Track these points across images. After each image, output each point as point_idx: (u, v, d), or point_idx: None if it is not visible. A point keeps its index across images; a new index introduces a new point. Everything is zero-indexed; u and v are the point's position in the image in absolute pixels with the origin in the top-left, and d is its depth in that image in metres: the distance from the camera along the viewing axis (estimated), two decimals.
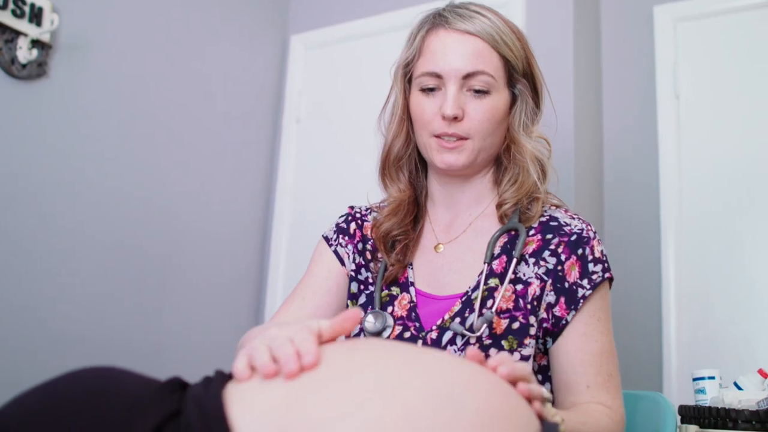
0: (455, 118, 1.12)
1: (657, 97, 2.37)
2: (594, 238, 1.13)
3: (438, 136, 1.15)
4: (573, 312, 1.08)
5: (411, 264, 1.21)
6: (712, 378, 1.69)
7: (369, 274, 1.23)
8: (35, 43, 1.93)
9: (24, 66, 1.91)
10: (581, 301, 1.08)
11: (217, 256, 2.52)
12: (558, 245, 1.12)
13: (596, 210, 2.35)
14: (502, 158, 1.21)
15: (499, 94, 1.15)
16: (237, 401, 0.65)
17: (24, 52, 1.90)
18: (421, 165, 1.28)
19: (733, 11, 2.30)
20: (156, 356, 2.25)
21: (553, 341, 1.11)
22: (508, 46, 1.15)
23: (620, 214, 2.39)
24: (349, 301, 1.24)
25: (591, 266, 1.10)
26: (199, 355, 2.39)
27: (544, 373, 1.14)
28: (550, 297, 1.10)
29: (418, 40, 1.19)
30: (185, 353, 2.35)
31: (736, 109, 2.25)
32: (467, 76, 1.12)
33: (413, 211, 1.24)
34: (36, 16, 1.93)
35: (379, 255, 1.22)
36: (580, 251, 1.11)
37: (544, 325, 1.10)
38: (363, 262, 1.24)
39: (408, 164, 1.26)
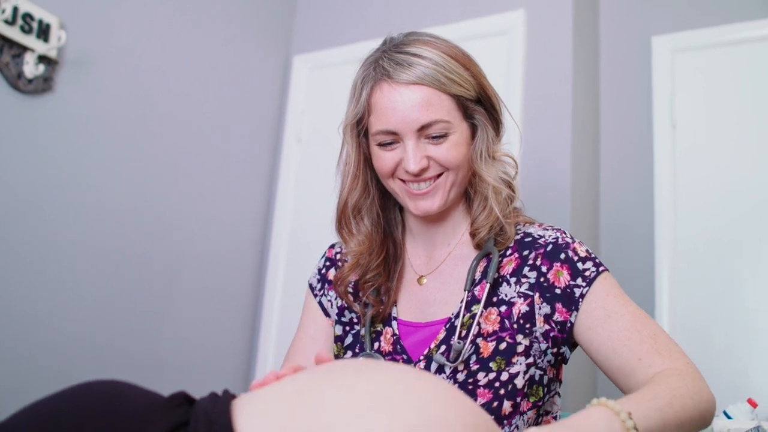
0: (422, 170, 1.11)
1: (654, 126, 2.40)
2: (573, 242, 1.13)
3: (405, 181, 1.14)
4: (575, 312, 1.06)
5: (395, 301, 1.21)
6: None
7: (353, 315, 1.24)
8: (42, 58, 1.96)
9: (30, 81, 1.94)
10: (580, 300, 1.06)
11: (217, 268, 2.55)
12: (536, 258, 1.12)
13: (592, 238, 2.37)
14: (468, 189, 1.20)
15: (457, 132, 1.12)
16: (243, 414, 0.67)
17: (31, 67, 1.93)
18: (390, 201, 1.26)
19: (731, 44, 2.33)
20: (156, 364, 2.27)
21: (571, 349, 1.10)
22: (456, 82, 1.10)
23: (615, 242, 2.40)
24: (334, 345, 1.26)
25: (580, 265, 1.09)
26: (197, 362, 2.41)
27: (550, 385, 1.13)
28: (544, 309, 1.09)
29: (363, 97, 1.14)
30: (185, 361, 2.37)
31: (732, 140, 2.27)
32: (422, 128, 1.09)
33: (380, 254, 1.22)
34: (43, 32, 1.96)
35: (361, 294, 1.22)
36: (563, 256, 1.10)
37: (552, 334, 1.08)
38: (346, 305, 1.25)
39: (369, 212, 1.23)
